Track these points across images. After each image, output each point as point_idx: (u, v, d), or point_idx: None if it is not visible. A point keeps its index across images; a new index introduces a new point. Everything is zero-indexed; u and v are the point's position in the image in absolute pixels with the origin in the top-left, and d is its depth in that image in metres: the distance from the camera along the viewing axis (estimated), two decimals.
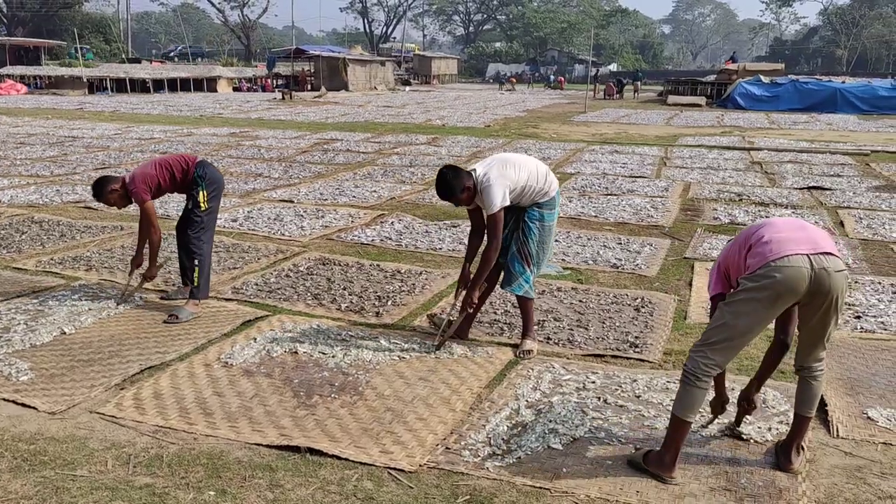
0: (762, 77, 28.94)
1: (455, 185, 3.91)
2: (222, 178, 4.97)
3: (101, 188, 4.68)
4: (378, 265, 5.92)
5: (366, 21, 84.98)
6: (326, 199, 8.66)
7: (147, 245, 4.79)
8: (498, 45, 79.11)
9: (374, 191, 9.24)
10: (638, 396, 3.59)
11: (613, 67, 69.32)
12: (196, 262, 4.67)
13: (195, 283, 4.67)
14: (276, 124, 19.11)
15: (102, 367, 3.83)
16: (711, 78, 33.82)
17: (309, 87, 38.96)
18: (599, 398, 3.56)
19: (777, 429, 3.28)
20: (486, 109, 25.90)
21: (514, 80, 49.39)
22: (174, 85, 36.82)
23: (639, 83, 38.25)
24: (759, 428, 3.29)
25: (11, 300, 4.88)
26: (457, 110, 25.10)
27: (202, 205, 4.71)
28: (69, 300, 4.81)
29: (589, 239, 6.87)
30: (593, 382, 3.74)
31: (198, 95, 33.99)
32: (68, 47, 44.17)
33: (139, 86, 35.82)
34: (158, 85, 36.37)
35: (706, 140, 15.89)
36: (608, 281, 5.65)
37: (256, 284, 5.34)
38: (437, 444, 3.12)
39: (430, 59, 58.49)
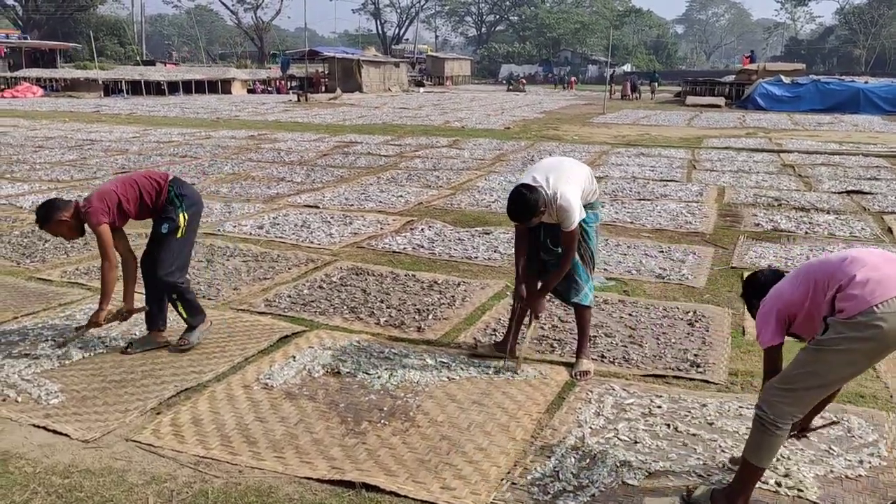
0: (783, 77, 28.52)
1: (536, 206, 3.57)
2: (202, 200, 4.20)
3: (48, 214, 3.78)
4: (413, 275, 5.68)
5: (378, 22, 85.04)
6: (353, 205, 8.45)
7: (120, 286, 3.99)
8: (511, 46, 78.72)
9: (401, 196, 9.02)
10: (710, 424, 3.34)
11: (627, 68, 68.87)
12: (174, 296, 3.98)
13: (183, 316, 4.06)
14: (294, 126, 18.94)
15: (136, 389, 3.62)
16: (730, 78, 33.41)
17: (323, 88, 38.86)
18: (669, 425, 3.31)
19: (869, 462, 3.01)
20: (504, 111, 25.64)
21: (524, 81, 49.02)
22: (189, 87, 36.80)
23: (655, 84, 37.83)
24: (848, 461, 3.03)
25: (38, 314, 4.68)
26: (474, 112, 24.86)
27: (180, 231, 3.91)
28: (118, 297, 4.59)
29: (629, 247, 6.61)
30: (659, 407, 3.49)
31: (213, 97, 33.94)
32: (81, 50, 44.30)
33: (154, 88, 35.81)
34: (173, 87, 36.35)
35: (732, 142, 15.58)
36: (655, 292, 5.40)
37: (290, 297, 5.13)
38: (502, 479, 2.88)
39: (443, 61, 58.25)
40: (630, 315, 4.86)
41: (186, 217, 3.94)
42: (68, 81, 36.08)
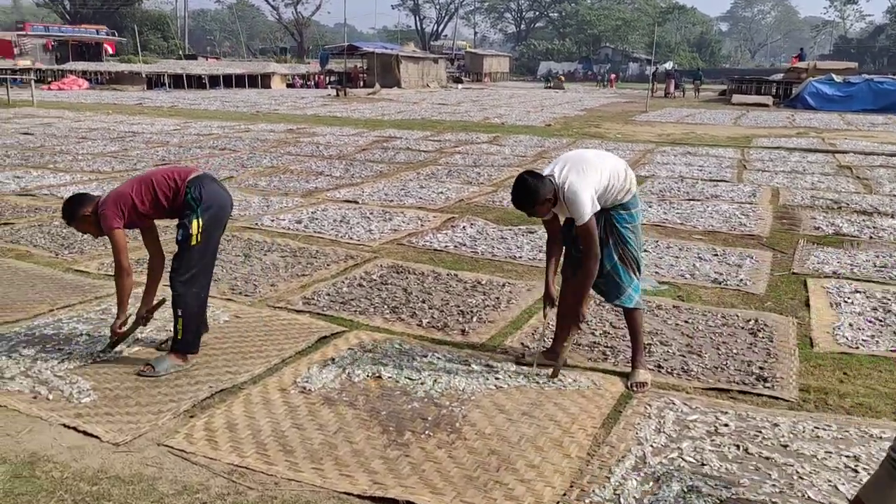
0: (834, 76, 27.63)
1: (537, 193, 3.42)
2: (228, 199, 3.76)
3: (73, 210, 3.61)
4: (456, 275, 5.47)
5: (417, 18, 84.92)
6: (392, 201, 8.26)
7: (142, 288, 3.76)
8: (550, 43, 77.96)
9: (441, 192, 8.80)
10: (785, 446, 3.05)
11: (669, 66, 67.66)
12: (179, 311, 3.57)
13: (177, 336, 3.62)
14: (333, 121, 18.86)
15: (170, 389, 3.46)
16: (779, 76, 32.51)
17: (362, 83, 38.85)
18: (738, 447, 3.04)
19: None
20: (543, 108, 25.27)
21: (562, 78, 48.37)
22: (229, 81, 37.09)
23: (699, 82, 37.02)
24: None
25: (74, 307, 4.57)
26: (513, 108, 24.54)
27: (194, 238, 3.53)
28: (132, 308, 4.45)
29: (681, 249, 6.31)
30: (726, 426, 3.22)
31: (252, 91, 34.14)
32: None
33: (195, 82, 36.17)
34: (214, 81, 36.68)
35: (783, 142, 15.05)
36: (712, 299, 5.09)
37: (328, 294, 4.95)
38: (558, 502, 2.64)
39: (482, 57, 57.88)
40: (686, 322, 4.58)
41: (201, 223, 3.54)
42: (113, 74, 36.66)
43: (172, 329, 3.66)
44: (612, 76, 52.19)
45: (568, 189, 3.42)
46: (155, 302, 3.87)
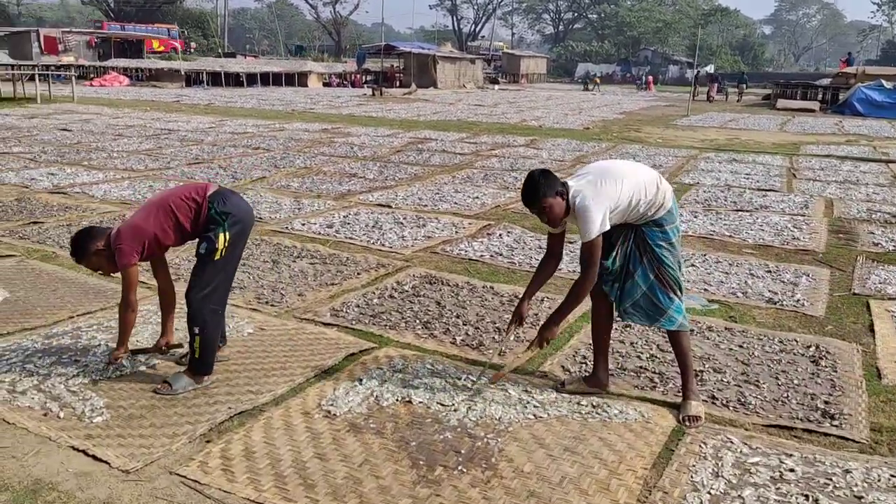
0: (884, 82, 26.68)
1: (539, 191, 3.22)
2: (251, 212, 3.55)
3: (85, 246, 3.32)
4: (492, 287, 5.20)
5: (454, 18, 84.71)
6: (426, 205, 8.01)
7: (155, 318, 3.54)
8: (588, 44, 77.14)
9: (477, 197, 8.53)
10: (859, 498, 2.73)
11: (710, 69, 66.45)
12: (196, 330, 3.36)
13: (195, 355, 3.41)
14: (368, 121, 18.71)
15: (186, 409, 3.25)
16: (826, 81, 31.58)
17: (398, 83, 38.76)
18: (808, 497, 2.72)
19: None
20: (582, 111, 24.84)
21: (598, 81, 47.91)
22: (266, 79, 37.27)
23: (743, 86, 36.16)
24: None
25: (95, 314, 4.41)
26: (551, 111, 24.16)
27: (218, 252, 3.34)
28: (154, 317, 4.28)
29: (731, 264, 5.95)
30: (792, 471, 2.90)
31: (289, 90, 34.24)
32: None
33: (233, 79, 36.41)
34: (251, 79, 36.89)
35: (833, 149, 14.47)
36: (767, 320, 4.75)
37: (358, 306, 4.71)
38: None
39: (519, 58, 57.47)
40: (741, 347, 4.24)
41: (228, 237, 3.34)
42: (153, 71, 37.09)
43: (190, 347, 3.44)
44: (650, 79, 51.35)
45: (579, 201, 3.20)
46: (176, 342, 3.69)
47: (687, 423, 3.29)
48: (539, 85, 52.73)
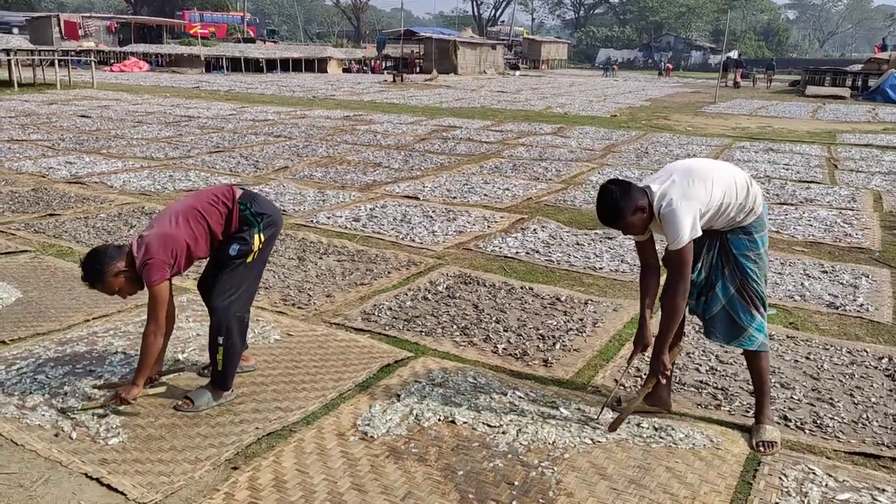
0: None
1: (624, 205, 2.83)
2: (280, 217, 3.27)
3: (102, 268, 2.91)
4: (531, 288, 4.88)
5: (474, 3, 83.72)
6: (455, 198, 7.69)
7: (150, 350, 2.96)
8: (610, 29, 76.03)
9: (507, 188, 8.19)
10: None
11: (734, 54, 65.24)
12: (220, 339, 3.06)
13: (217, 368, 3.12)
14: (390, 108, 18.36)
15: (210, 430, 2.97)
16: (856, 67, 30.74)
17: (418, 69, 38.32)
18: None
19: None
20: (606, 97, 24.33)
21: (616, 67, 47.78)
22: (286, 65, 36.97)
23: (771, 72, 35.36)
24: None
25: (111, 317, 4.14)
26: (574, 98, 23.68)
27: (253, 253, 3.07)
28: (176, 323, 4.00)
29: (783, 263, 5.58)
30: None
31: (309, 76, 33.93)
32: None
33: (253, 65, 36.15)
34: (271, 65, 36.60)
35: (871, 138, 13.93)
36: (831, 328, 4.39)
37: (390, 309, 4.41)
38: None
39: (540, 44, 56.65)
40: (807, 358, 3.90)
41: (262, 239, 3.09)
42: (173, 57, 36.91)
43: (212, 359, 3.14)
44: (669, 66, 50.51)
45: (666, 205, 2.83)
46: (167, 367, 3.40)
47: (761, 450, 2.96)
48: (560, 71, 52.03)
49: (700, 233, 2.86)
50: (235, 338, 3.11)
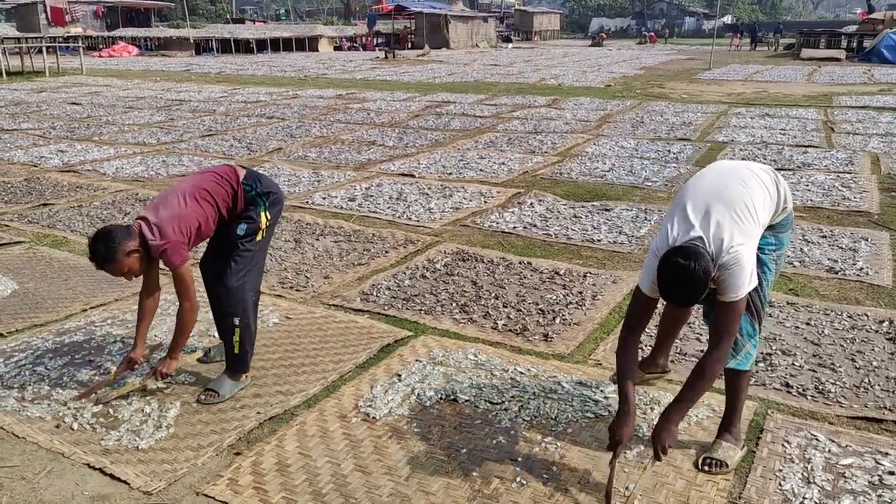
0: None
1: (703, 280, 2.28)
2: (283, 195, 3.31)
3: (113, 248, 2.81)
4: (529, 263, 4.86)
5: None
6: (451, 174, 7.63)
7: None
8: None
9: (503, 163, 8.14)
10: None
11: (728, 19, 64.67)
12: (236, 320, 3.07)
13: (234, 350, 3.12)
14: (383, 85, 18.21)
15: (212, 416, 2.97)
16: (851, 29, 30.48)
17: (410, 45, 37.97)
18: None
19: None
20: (600, 67, 24.12)
21: (603, 36, 47.62)
22: (276, 45, 36.61)
23: (779, 35, 35.10)
24: None
25: (109, 306, 4.12)
26: (568, 68, 23.48)
27: (261, 231, 3.10)
28: (172, 308, 3.98)
29: None
30: (892, 474, 2.57)
31: (300, 55, 33.61)
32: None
33: (243, 46, 35.80)
34: (261, 45, 36.24)
35: (867, 100, 13.84)
36: (831, 293, 4.38)
37: (389, 288, 4.40)
38: None
39: (532, 15, 56.07)
40: (808, 325, 3.89)
41: (269, 217, 3.10)
42: (162, 40, 36.54)
43: (227, 341, 3.12)
44: (651, 34, 50.09)
45: (733, 255, 2.34)
46: (152, 345, 3.36)
47: (706, 468, 2.60)
48: (553, 42, 51.60)
49: (756, 282, 2.45)
50: (250, 316, 3.12)
